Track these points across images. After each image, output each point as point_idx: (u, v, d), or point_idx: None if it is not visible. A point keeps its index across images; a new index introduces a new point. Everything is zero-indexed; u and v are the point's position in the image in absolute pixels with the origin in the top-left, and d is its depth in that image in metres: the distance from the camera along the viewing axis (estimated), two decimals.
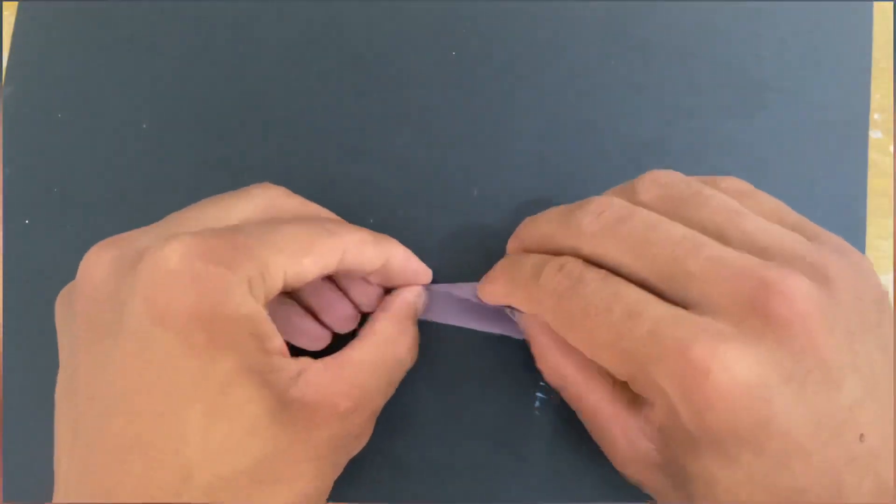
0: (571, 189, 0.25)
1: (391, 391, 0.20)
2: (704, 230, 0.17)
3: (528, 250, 0.21)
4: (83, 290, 0.18)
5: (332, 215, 0.23)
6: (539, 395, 0.24)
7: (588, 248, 0.18)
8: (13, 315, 0.25)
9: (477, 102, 0.26)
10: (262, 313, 0.17)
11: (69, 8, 0.27)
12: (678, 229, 0.17)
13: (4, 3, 0.28)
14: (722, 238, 0.17)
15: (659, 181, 0.19)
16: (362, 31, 0.27)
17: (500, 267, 0.22)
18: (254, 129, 0.26)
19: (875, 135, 0.26)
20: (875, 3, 0.26)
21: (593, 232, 0.18)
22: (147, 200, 0.26)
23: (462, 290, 0.24)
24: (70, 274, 0.25)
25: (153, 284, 0.16)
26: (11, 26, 0.27)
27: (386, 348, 0.20)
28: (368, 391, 0.19)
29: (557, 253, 0.20)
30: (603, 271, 0.18)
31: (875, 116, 0.26)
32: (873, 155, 0.26)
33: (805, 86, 0.26)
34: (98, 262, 0.18)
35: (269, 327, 0.17)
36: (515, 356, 0.24)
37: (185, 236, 0.17)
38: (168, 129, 0.26)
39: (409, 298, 0.23)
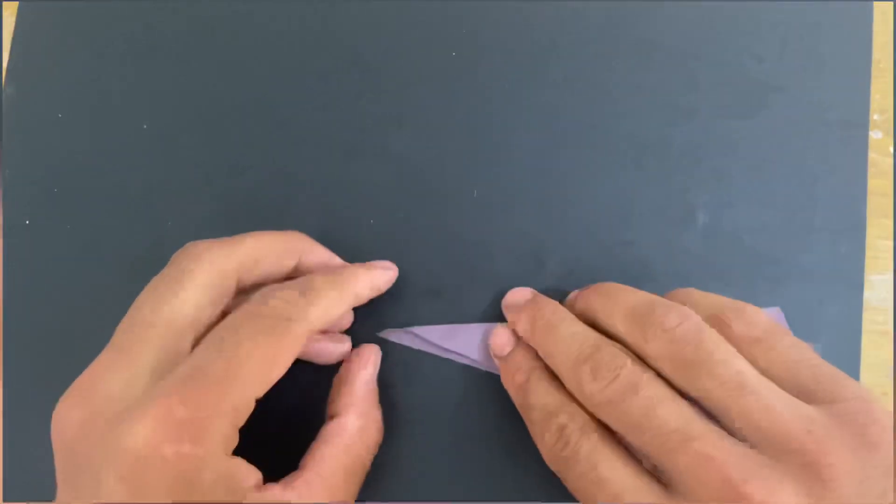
0: (571, 189, 0.25)
1: (365, 474, 0.21)
2: (708, 402, 0.18)
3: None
4: (58, 446, 0.18)
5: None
6: None
7: (591, 409, 0.20)
8: (13, 315, 0.25)
9: (477, 102, 0.26)
10: (236, 464, 0.18)
11: (69, 8, 0.27)
12: (674, 416, 0.18)
13: (4, 3, 0.28)
14: (723, 416, 0.18)
15: (668, 334, 0.19)
16: (362, 31, 0.27)
17: (520, 380, 0.22)
18: (254, 129, 0.26)
19: (875, 135, 0.26)
20: (875, 3, 0.26)
21: (596, 403, 0.19)
22: (147, 200, 0.26)
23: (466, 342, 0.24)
24: (69, 275, 0.25)
25: (127, 467, 0.17)
26: (11, 26, 0.27)
27: (358, 446, 0.21)
28: (348, 497, 0.20)
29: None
30: (596, 441, 0.19)
31: (875, 116, 0.26)
32: (873, 155, 0.26)
33: (805, 86, 0.26)
34: (68, 423, 0.18)
35: (244, 472, 0.18)
36: None
37: (149, 416, 0.17)
38: (168, 130, 0.26)
39: (367, 377, 0.23)
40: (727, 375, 0.18)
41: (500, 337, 0.23)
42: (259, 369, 0.18)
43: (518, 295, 0.24)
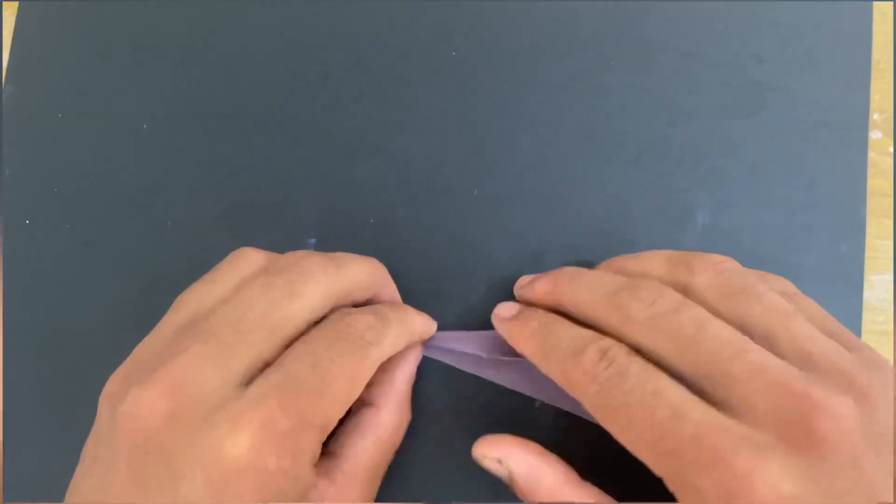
0: (571, 189, 0.25)
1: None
2: (754, 327, 0.18)
3: (559, 306, 0.21)
4: (128, 432, 0.17)
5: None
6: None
7: (632, 334, 0.19)
8: (13, 315, 0.25)
9: (477, 102, 0.26)
10: (312, 477, 0.18)
11: (69, 8, 0.27)
12: (725, 331, 0.18)
13: (4, 3, 0.28)
14: (770, 339, 0.18)
15: (716, 266, 0.19)
16: (362, 31, 0.27)
17: (534, 327, 0.21)
18: (254, 129, 0.26)
19: (875, 135, 0.26)
20: (875, 3, 0.26)
21: (641, 320, 0.18)
22: (147, 200, 0.26)
23: (470, 342, 0.24)
24: (69, 275, 0.25)
25: (219, 474, 0.16)
26: (11, 26, 0.27)
27: (390, 441, 0.21)
28: (375, 490, 0.20)
29: (592, 323, 0.20)
30: (645, 362, 0.18)
31: (875, 116, 0.26)
32: (873, 155, 0.26)
33: (805, 86, 0.26)
34: (151, 410, 0.16)
35: (312, 482, 0.18)
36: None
37: (254, 423, 0.16)
38: (168, 130, 0.26)
39: (409, 370, 0.23)
40: (773, 303, 0.18)
41: (507, 305, 0.23)
42: (345, 388, 0.18)
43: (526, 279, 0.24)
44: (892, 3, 0.27)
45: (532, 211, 0.25)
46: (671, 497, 0.17)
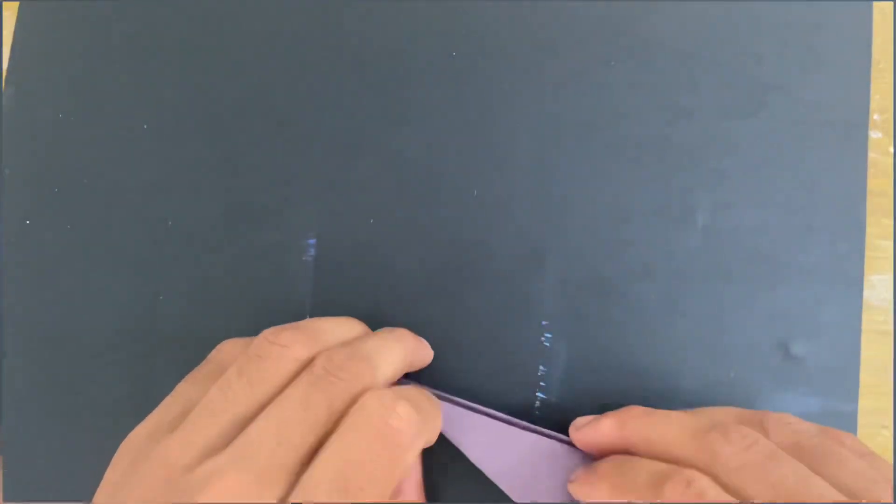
0: (571, 189, 0.25)
1: None
2: (835, 487, 0.17)
3: (629, 447, 0.20)
4: None
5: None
6: (539, 395, 0.24)
7: (722, 477, 0.17)
8: (13, 315, 0.25)
9: (477, 102, 0.26)
10: None
11: (69, 8, 0.27)
12: (831, 492, 0.17)
13: (4, 4, 0.28)
14: (851, 498, 0.17)
15: (791, 426, 0.19)
16: (362, 31, 0.27)
17: (604, 470, 0.20)
18: (254, 129, 0.26)
19: (875, 135, 0.26)
20: (875, 3, 0.26)
21: (734, 466, 0.17)
22: (147, 200, 0.26)
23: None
24: (69, 275, 0.25)
25: None
26: (11, 26, 0.27)
27: None
28: None
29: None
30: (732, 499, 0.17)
31: (875, 117, 0.26)
32: (873, 155, 0.26)
33: (805, 86, 0.26)
34: None
35: None
36: (515, 356, 0.25)
37: None
38: (168, 130, 0.26)
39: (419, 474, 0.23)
40: (856, 469, 0.18)
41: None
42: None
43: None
44: (892, 3, 0.26)
45: (532, 211, 0.25)
46: None
